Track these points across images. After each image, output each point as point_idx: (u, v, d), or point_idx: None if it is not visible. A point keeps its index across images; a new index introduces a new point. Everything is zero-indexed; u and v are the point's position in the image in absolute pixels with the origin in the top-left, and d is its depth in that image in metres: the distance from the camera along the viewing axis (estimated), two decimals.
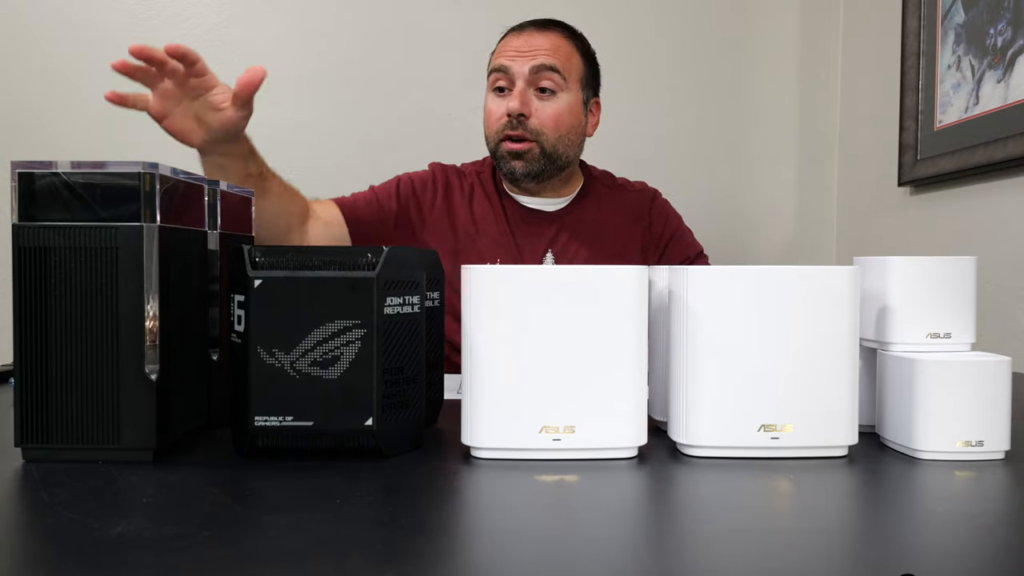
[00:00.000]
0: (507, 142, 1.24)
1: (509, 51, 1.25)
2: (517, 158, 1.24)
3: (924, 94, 1.50)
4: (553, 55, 1.24)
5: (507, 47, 1.26)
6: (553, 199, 1.32)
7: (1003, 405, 0.58)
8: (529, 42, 1.24)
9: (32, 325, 0.55)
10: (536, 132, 1.23)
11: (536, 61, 1.22)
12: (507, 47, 1.26)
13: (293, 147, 1.80)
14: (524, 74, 1.23)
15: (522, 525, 0.44)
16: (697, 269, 0.59)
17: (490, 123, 1.27)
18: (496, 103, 1.26)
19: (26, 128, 1.72)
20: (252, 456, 0.58)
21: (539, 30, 1.26)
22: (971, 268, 0.63)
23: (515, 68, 1.23)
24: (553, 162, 1.25)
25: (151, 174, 0.56)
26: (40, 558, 0.39)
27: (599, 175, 1.39)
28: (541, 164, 1.24)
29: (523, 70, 1.23)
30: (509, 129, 1.23)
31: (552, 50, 1.24)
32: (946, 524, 0.45)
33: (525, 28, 1.27)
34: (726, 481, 0.53)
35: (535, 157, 1.23)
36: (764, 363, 0.58)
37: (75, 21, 1.74)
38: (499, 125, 1.24)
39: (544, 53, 1.23)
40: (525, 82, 1.23)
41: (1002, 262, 1.30)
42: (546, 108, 1.23)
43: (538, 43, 1.24)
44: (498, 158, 1.27)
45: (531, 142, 1.23)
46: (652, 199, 1.38)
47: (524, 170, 1.24)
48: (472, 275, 0.58)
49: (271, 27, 1.78)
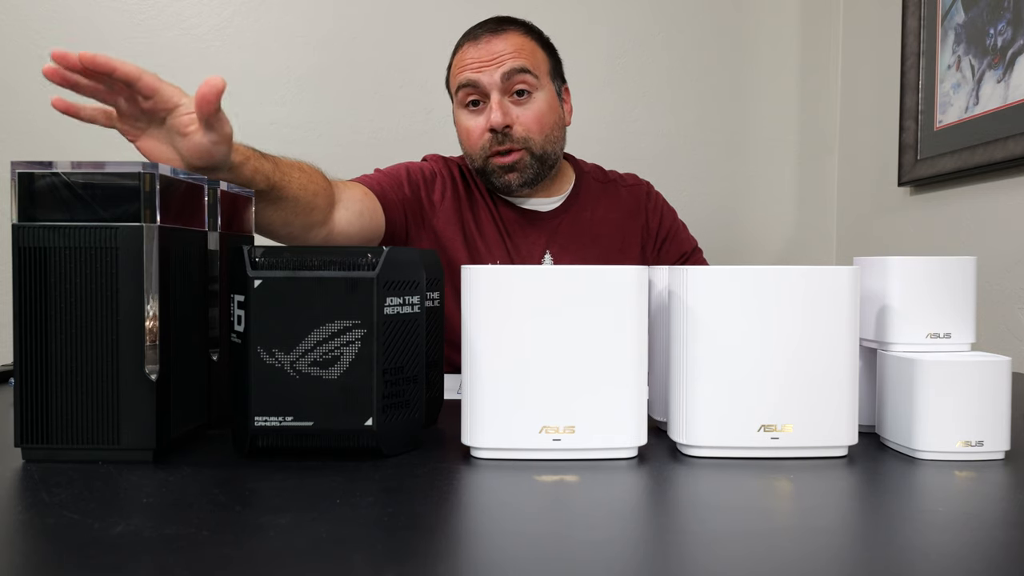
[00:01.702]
0: (496, 157, 1.19)
1: (472, 63, 1.19)
2: (510, 171, 1.20)
3: (924, 94, 1.51)
4: (519, 55, 1.18)
5: (468, 59, 1.20)
6: (546, 199, 1.29)
7: (1003, 405, 0.58)
8: (490, 49, 1.19)
9: (32, 325, 0.55)
10: (523, 139, 1.19)
11: (505, 67, 1.17)
12: (468, 59, 1.20)
13: (292, 147, 1.79)
14: (496, 83, 1.17)
15: (522, 525, 0.44)
16: (697, 269, 0.59)
17: (471, 141, 1.21)
18: (473, 120, 1.21)
19: (26, 128, 1.72)
20: (252, 456, 0.58)
21: (495, 35, 1.20)
22: (971, 268, 0.63)
23: (484, 79, 1.18)
24: (544, 163, 1.22)
25: (151, 174, 0.56)
26: (40, 558, 0.39)
27: (590, 170, 1.36)
28: (534, 169, 1.21)
29: (494, 79, 1.17)
30: (496, 144, 1.18)
31: (516, 51, 1.19)
32: (946, 524, 0.45)
33: (480, 35, 1.21)
34: (726, 481, 0.53)
35: (527, 164, 1.20)
36: (764, 363, 0.58)
37: (75, 21, 1.74)
38: (482, 142, 1.19)
39: (510, 56, 1.18)
40: (499, 91, 1.17)
41: (1002, 262, 1.30)
42: (527, 112, 1.19)
43: (499, 48, 1.18)
44: (488, 174, 1.22)
45: (520, 151, 1.19)
46: (647, 194, 1.36)
47: (519, 181, 1.20)
48: (472, 275, 0.58)
49: (271, 27, 1.78)
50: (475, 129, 1.21)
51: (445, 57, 1.82)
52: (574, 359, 0.57)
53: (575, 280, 0.57)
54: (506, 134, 1.18)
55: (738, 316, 0.58)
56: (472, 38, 1.22)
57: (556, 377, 0.57)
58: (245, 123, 1.78)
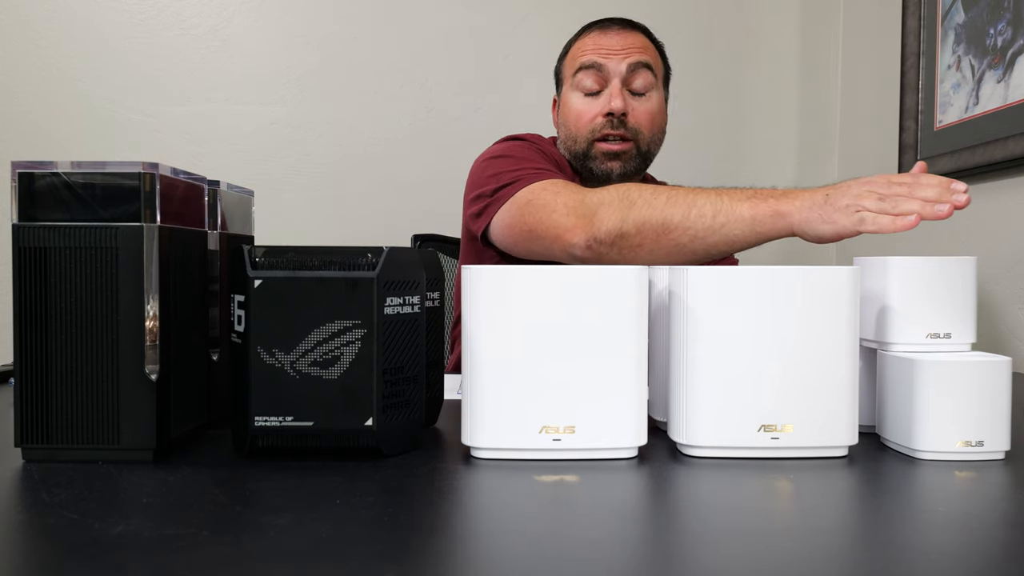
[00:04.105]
0: (603, 143, 1.20)
1: (599, 49, 1.20)
2: (614, 159, 1.20)
3: (924, 94, 1.50)
4: (645, 52, 1.21)
5: (595, 44, 1.21)
6: None
7: (1003, 405, 0.58)
8: (621, 40, 1.20)
9: (32, 325, 0.55)
10: (635, 131, 1.20)
11: (632, 59, 1.19)
12: (595, 44, 1.21)
13: (292, 147, 1.80)
14: (621, 72, 1.18)
15: (522, 525, 0.44)
16: (697, 269, 0.59)
17: (581, 124, 1.21)
18: (587, 103, 1.20)
19: (26, 128, 1.72)
20: (252, 456, 0.58)
21: (625, 29, 1.22)
22: (971, 268, 0.63)
23: (610, 66, 1.19)
24: (644, 162, 1.23)
25: (151, 174, 0.56)
26: (40, 558, 0.39)
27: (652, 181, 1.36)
28: (636, 163, 1.21)
29: (619, 68, 1.19)
30: (609, 129, 1.18)
31: (643, 48, 1.21)
32: (946, 524, 0.45)
33: (611, 26, 1.23)
34: (726, 481, 0.53)
35: (631, 157, 1.20)
36: (764, 363, 0.58)
37: (75, 21, 1.74)
38: (594, 125, 1.20)
39: (637, 51, 1.20)
40: (621, 80, 1.19)
41: (1002, 262, 1.30)
42: (643, 106, 1.21)
43: (630, 41, 1.21)
44: (590, 158, 1.21)
45: (629, 142, 1.20)
46: None
47: (621, 170, 1.21)
48: (472, 275, 0.58)
49: (271, 27, 1.78)
50: (586, 112, 1.21)
51: (445, 57, 1.82)
52: (574, 359, 0.57)
53: (575, 280, 0.57)
54: (621, 121, 1.19)
55: (738, 316, 0.58)
56: (601, 27, 1.24)
57: (556, 377, 0.57)
58: (245, 123, 1.79)
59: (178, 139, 1.77)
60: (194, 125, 1.77)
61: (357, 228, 1.79)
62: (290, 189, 1.79)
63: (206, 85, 1.77)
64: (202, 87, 1.77)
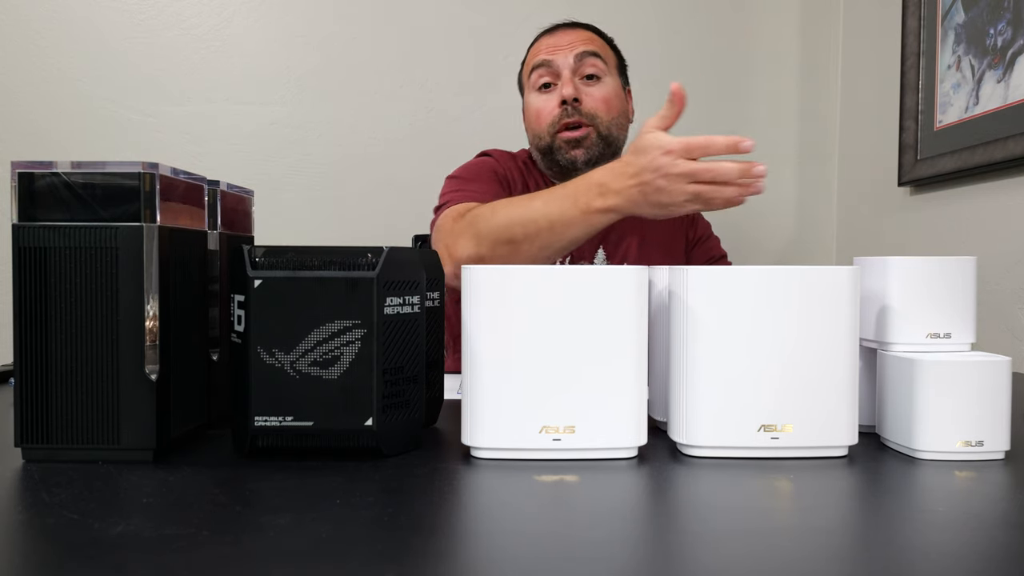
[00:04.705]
0: (563, 132, 1.24)
1: (546, 48, 1.28)
2: (576, 146, 1.24)
3: (924, 94, 1.50)
4: (591, 43, 1.28)
5: (543, 46, 1.29)
6: None
7: (1003, 405, 0.58)
8: (567, 37, 1.28)
9: (32, 325, 0.55)
10: (591, 115, 1.24)
11: (577, 49, 1.26)
12: (543, 46, 1.29)
13: (292, 147, 1.80)
14: (569, 64, 1.25)
15: (522, 525, 0.44)
16: (697, 269, 0.59)
17: (541, 119, 1.27)
18: (543, 100, 1.27)
19: (26, 128, 1.72)
20: (252, 456, 0.58)
21: (569, 28, 1.30)
22: (971, 268, 0.63)
23: (558, 60, 1.26)
24: (608, 146, 1.26)
25: (151, 174, 0.56)
26: (40, 558, 0.39)
27: None
28: (599, 148, 1.25)
29: (567, 60, 1.25)
30: (565, 117, 1.24)
31: (588, 40, 1.28)
32: (946, 524, 0.45)
33: (556, 29, 1.31)
34: (726, 481, 0.53)
35: (593, 142, 1.24)
36: (764, 363, 0.58)
37: (75, 21, 1.74)
38: (552, 118, 1.25)
39: (582, 42, 1.27)
40: (571, 71, 1.25)
41: (1002, 262, 1.30)
42: (595, 92, 1.26)
43: (576, 36, 1.28)
44: (554, 151, 1.26)
45: (587, 127, 1.24)
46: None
47: (584, 157, 1.24)
48: (472, 275, 0.58)
49: (271, 27, 1.78)
50: (544, 108, 1.27)
51: (445, 57, 1.82)
52: (574, 359, 0.57)
53: (575, 280, 0.57)
54: (575, 107, 1.24)
55: (738, 316, 0.58)
56: (547, 31, 1.33)
57: (556, 377, 0.57)
58: (245, 123, 1.79)
59: (178, 139, 1.77)
60: (194, 125, 1.77)
61: (357, 228, 1.79)
62: (290, 189, 1.79)
63: (206, 85, 1.77)
64: (202, 87, 1.77)
